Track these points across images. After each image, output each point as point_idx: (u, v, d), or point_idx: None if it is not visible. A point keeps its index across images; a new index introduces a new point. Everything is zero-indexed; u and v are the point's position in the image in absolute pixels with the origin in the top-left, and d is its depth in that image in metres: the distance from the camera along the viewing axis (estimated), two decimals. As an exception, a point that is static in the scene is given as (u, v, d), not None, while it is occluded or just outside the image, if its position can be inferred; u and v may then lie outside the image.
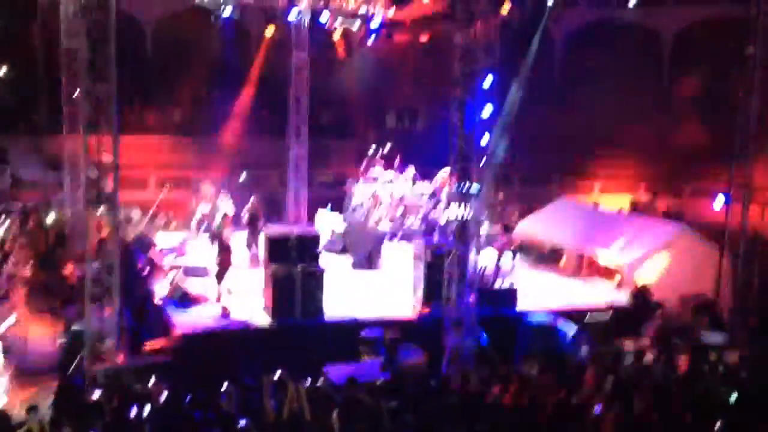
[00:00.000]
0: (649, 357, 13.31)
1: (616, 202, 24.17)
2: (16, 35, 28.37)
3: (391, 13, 20.86)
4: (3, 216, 21.88)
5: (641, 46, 30.96)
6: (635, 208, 24.42)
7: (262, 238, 17.08)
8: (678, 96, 29.29)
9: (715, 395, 10.38)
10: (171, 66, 29.06)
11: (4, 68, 28.47)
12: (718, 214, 17.74)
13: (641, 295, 16.50)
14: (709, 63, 27.58)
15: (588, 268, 18.91)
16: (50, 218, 21.29)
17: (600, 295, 17.36)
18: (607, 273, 18.36)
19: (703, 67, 28.32)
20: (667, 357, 12.91)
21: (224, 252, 15.62)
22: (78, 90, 18.65)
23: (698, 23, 30.86)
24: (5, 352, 13.78)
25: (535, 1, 23.04)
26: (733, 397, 9.88)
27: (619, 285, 17.72)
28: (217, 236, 16.16)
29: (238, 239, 17.65)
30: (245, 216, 19.07)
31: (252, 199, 19.55)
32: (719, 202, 17.43)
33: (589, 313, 15.90)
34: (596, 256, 18.76)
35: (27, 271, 18.46)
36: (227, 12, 21.09)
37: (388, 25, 21.97)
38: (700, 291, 16.90)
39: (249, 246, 18.69)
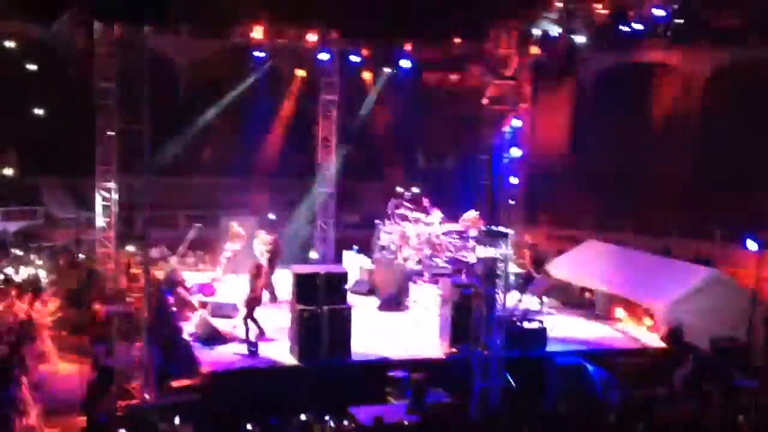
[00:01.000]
0: (681, 402, 13.08)
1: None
2: (52, 76, 29.00)
3: (421, 54, 21.06)
4: (35, 254, 22.21)
5: (673, 88, 30.91)
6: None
7: (282, 276, 17.06)
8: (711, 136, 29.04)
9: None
10: (203, 106, 29.51)
11: (41, 109, 29.12)
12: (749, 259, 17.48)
13: (673, 338, 16.23)
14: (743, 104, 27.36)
15: (619, 310, 18.66)
16: (81, 256, 21.55)
17: (631, 338, 17.10)
18: (639, 316, 18.11)
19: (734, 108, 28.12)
20: (699, 402, 12.65)
21: (256, 290, 15.65)
22: (111, 130, 19.04)
23: (732, 65, 30.62)
24: (35, 388, 13.84)
25: (565, 44, 23.14)
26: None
27: (651, 328, 17.46)
28: (254, 273, 16.11)
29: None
30: (265, 255, 19.13)
31: (271, 238, 19.70)
32: (752, 245, 17.17)
33: (621, 356, 15.65)
34: (627, 299, 18.52)
35: (57, 309, 18.65)
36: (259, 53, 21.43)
37: (418, 66, 22.14)
38: (732, 335, 16.59)
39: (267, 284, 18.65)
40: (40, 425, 13.24)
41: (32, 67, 29.25)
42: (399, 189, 22.18)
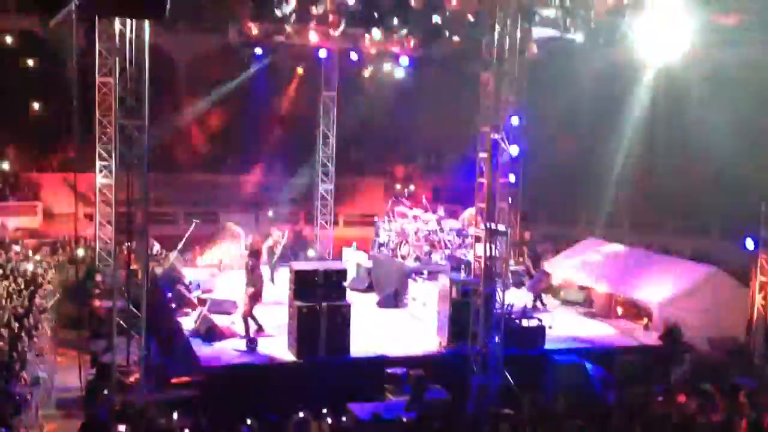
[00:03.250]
0: (678, 400, 13.10)
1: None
2: (51, 72, 28.96)
3: (420, 52, 21.04)
4: (35, 250, 22.21)
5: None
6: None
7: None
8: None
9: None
10: (202, 102, 29.46)
11: (38, 104, 29.10)
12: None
13: (671, 336, 16.27)
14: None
15: (617, 308, 18.70)
16: (80, 252, 21.55)
17: (629, 336, 17.14)
18: (637, 313, 18.15)
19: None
20: (697, 400, 12.68)
21: (254, 286, 15.66)
22: (110, 126, 19.03)
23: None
24: (33, 384, 13.85)
25: (563, 42, 23.11)
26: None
27: (648, 326, 17.50)
28: (250, 270, 16.12)
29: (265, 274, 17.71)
30: (278, 251, 19.25)
31: (250, 237, 19.82)
32: (750, 244, 17.19)
33: (618, 354, 15.69)
34: (626, 296, 18.56)
35: (56, 304, 18.67)
36: (259, 50, 21.41)
37: (417, 64, 22.13)
38: (731, 333, 16.62)
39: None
40: (40, 421, 13.26)
41: (31, 62, 29.23)
42: (398, 186, 22.22)
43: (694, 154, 26.15)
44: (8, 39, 28.23)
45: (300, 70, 25.49)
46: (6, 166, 28.05)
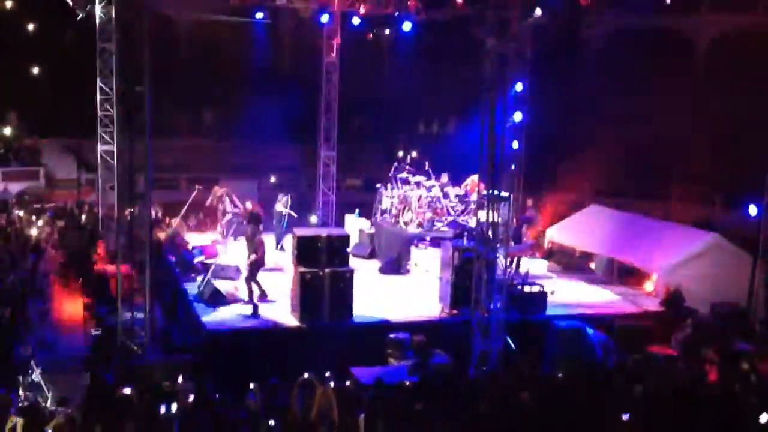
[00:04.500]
0: (679, 365, 13.19)
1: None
2: (51, 37, 28.78)
3: (423, 16, 20.85)
4: (38, 215, 22.26)
5: (676, 54, 30.72)
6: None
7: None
8: (714, 104, 28.90)
9: (745, 405, 10.24)
10: (203, 68, 29.31)
11: (39, 69, 28.94)
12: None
13: (673, 302, 16.33)
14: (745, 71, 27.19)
15: (619, 274, 18.76)
16: (84, 217, 21.60)
17: (631, 302, 17.21)
18: (639, 279, 18.20)
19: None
20: (697, 366, 12.76)
21: (257, 252, 15.70)
22: (112, 91, 18.96)
23: (734, 32, 30.41)
24: (38, 347, 13.97)
25: (568, 7, 22.91)
26: (764, 418, 9.70)
27: (651, 292, 17.56)
28: (251, 236, 16.15)
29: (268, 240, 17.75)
30: (285, 218, 19.31)
31: (248, 202, 19.83)
32: (753, 210, 17.20)
33: (619, 320, 15.77)
34: (627, 263, 18.61)
35: (60, 269, 18.75)
36: (259, 15, 21.24)
37: (420, 29, 21.94)
38: (732, 300, 16.68)
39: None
40: (46, 384, 13.38)
41: (31, 26, 29.01)
42: (400, 152, 22.17)
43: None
44: (8, 3, 28.00)
45: (302, 35, 25.25)
46: (8, 131, 28.02)
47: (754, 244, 17.04)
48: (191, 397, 10.81)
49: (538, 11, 17.89)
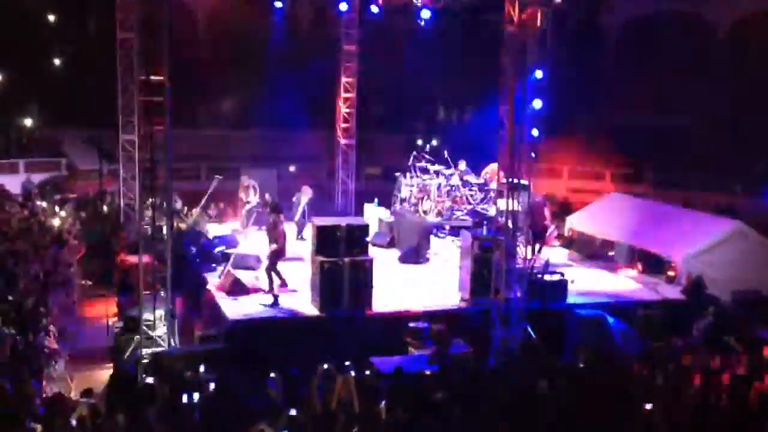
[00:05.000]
0: (699, 353, 13.10)
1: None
2: (72, 27, 28.96)
3: (442, 4, 20.75)
4: (60, 206, 22.46)
5: (696, 38, 30.45)
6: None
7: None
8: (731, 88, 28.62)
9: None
10: (222, 58, 29.36)
11: (59, 60, 29.16)
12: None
13: (695, 290, 16.22)
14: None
15: (640, 262, 18.65)
16: (105, 208, 21.76)
17: (652, 290, 17.12)
18: (660, 267, 18.08)
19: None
20: (720, 354, 12.68)
21: (277, 242, 15.74)
22: (132, 81, 19.04)
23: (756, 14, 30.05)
24: (62, 337, 14.12)
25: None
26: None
27: (672, 280, 17.45)
28: (272, 226, 16.18)
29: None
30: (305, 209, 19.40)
31: (267, 194, 19.89)
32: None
33: (640, 308, 15.69)
34: (649, 251, 18.49)
35: (83, 260, 18.92)
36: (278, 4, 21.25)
37: (439, 17, 21.84)
38: (754, 287, 16.54)
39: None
40: (68, 374, 13.54)
41: (52, 17, 29.21)
42: (420, 141, 22.14)
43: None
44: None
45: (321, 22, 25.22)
46: (29, 122, 28.24)
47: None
48: (212, 387, 10.89)
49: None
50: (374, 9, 21.23)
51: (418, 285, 16.82)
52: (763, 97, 25.66)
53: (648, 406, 9.74)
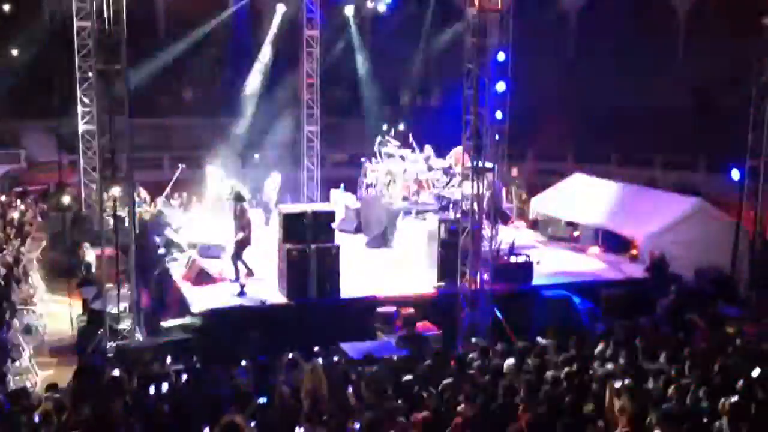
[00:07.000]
0: (665, 331, 13.27)
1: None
2: (28, 16, 28.37)
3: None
4: (19, 199, 22.08)
5: (655, 19, 30.74)
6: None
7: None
8: (691, 68, 28.94)
9: (734, 369, 10.29)
10: (183, 45, 28.95)
11: (17, 50, 28.54)
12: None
13: (657, 268, 16.41)
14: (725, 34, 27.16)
15: (604, 241, 18.83)
16: (66, 200, 21.43)
17: (616, 269, 17.30)
18: (624, 247, 18.28)
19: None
20: (683, 331, 12.86)
21: (243, 230, 15.62)
22: (91, 71, 18.75)
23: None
24: (25, 332, 13.92)
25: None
26: (756, 372, 9.76)
27: (635, 258, 17.65)
28: (238, 215, 16.05)
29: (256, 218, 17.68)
30: (273, 197, 19.27)
31: (232, 181, 19.78)
32: (736, 175, 17.28)
33: (604, 288, 15.85)
34: (612, 231, 18.67)
35: (45, 253, 18.65)
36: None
37: (401, 0, 21.77)
38: (716, 264, 16.79)
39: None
40: (33, 367, 13.35)
41: (6, 7, 28.60)
42: (385, 126, 22.07)
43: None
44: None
45: (282, 8, 24.95)
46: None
47: (737, 208, 17.14)
48: (180, 378, 10.80)
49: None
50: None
51: (385, 270, 16.83)
52: (724, 75, 25.96)
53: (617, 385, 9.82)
